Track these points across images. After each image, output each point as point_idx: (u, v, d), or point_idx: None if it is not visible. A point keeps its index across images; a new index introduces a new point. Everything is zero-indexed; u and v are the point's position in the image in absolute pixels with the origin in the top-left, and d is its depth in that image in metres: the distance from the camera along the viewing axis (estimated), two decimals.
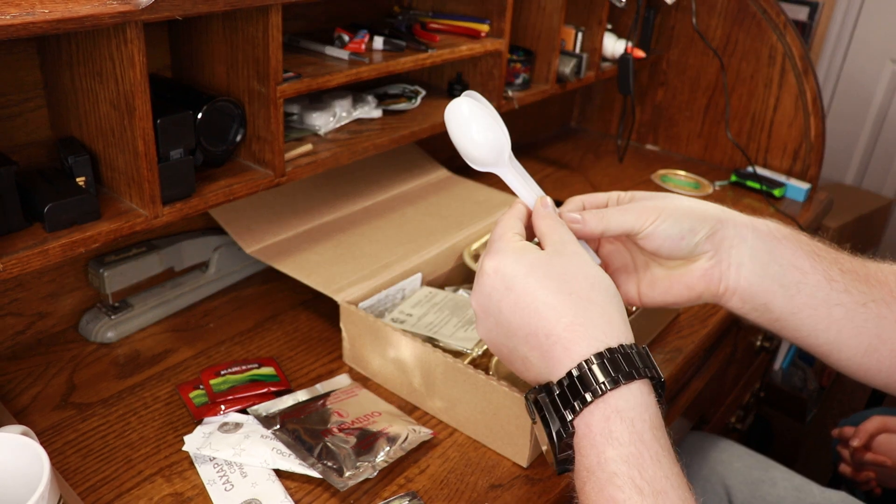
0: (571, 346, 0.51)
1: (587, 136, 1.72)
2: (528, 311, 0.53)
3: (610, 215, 0.62)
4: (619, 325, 0.52)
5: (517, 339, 0.54)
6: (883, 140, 2.56)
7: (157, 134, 0.70)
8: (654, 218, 0.61)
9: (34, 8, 0.55)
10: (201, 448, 0.71)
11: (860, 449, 1.20)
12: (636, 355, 0.51)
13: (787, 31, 1.37)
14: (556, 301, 0.52)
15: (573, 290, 0.53)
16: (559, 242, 0.56)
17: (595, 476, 0.48)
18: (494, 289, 0.55)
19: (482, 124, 0.62)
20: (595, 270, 0.55)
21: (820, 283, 0.59)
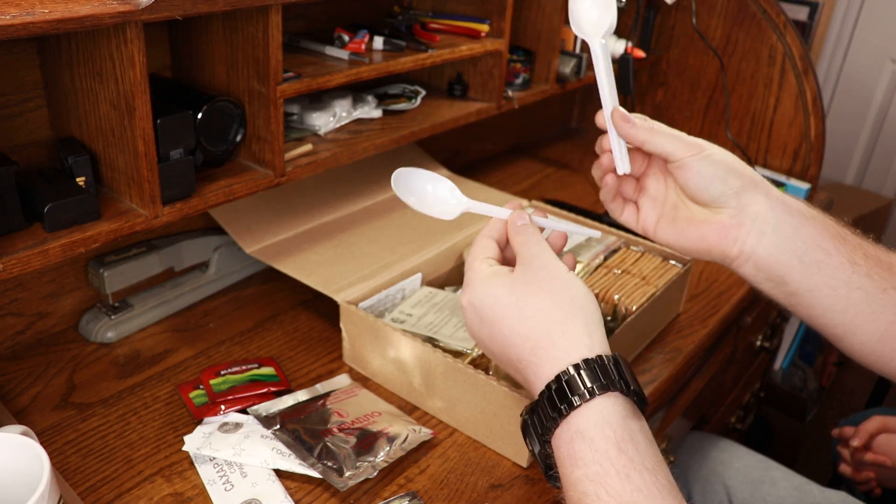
0: (537, 370, 0.53)
1: (587, 136, 1.71)
2: (500, 339, 0.56)
3: (658, 130, 0.62)
4: (581, 339, 0.53)
5: (505, 365, 0.57)
6: (883, 140, 2.56)
7: (157, 134, 0.70)
8: (695, 151, 0.61)
9: (34, 8, 0.55)
10: (201, 448, 0.71)
11: (860, 449, 1.20)
12: (598, 368, 0.51)
13: (787, 31, 1.37)
14: (521, 327, 0.54)
15: (534, 311, 0.54)
16: (528, 257, 0.57)
17: (569, 494, 0.50)
18: (472, 322, 0.58)
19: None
20: (561, 281, 0.56)
21: (843, 264, 0.59)
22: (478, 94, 1.13)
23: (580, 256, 0.98)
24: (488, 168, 1.45)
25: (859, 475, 1.22)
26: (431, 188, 0.64)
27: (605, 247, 1.01)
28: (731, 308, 1.05)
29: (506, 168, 1.47)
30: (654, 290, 0.91)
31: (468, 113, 1.08)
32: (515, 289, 0.55)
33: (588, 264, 0.97)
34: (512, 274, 0.57)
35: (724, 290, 1.09)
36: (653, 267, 0.97)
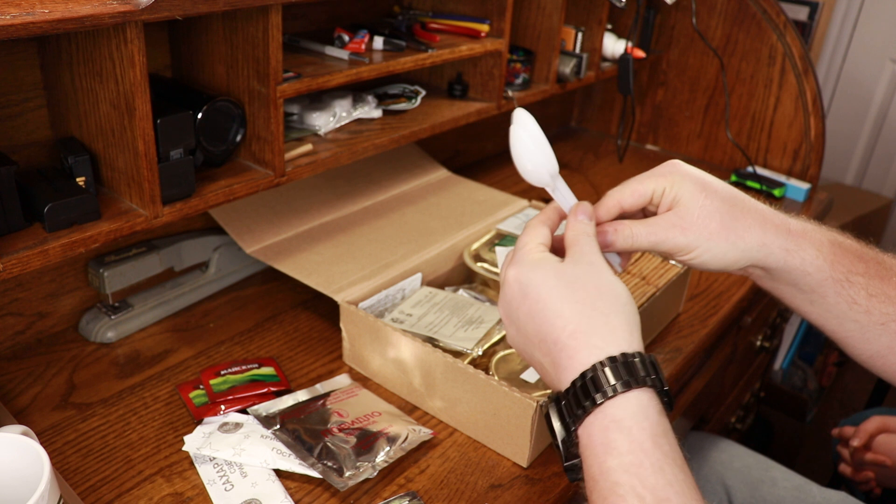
0: (574, 355, 0.52)
1: (587, 136, 1.72)
2: (540, 318, 0.55)
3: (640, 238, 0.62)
4: (621, 334, 0.53)
5: (533, 346, 0.57)
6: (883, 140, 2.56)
7: (157, 134, 0.70)
8: (684, 254, 0.62)
9: (34, 8, 0.55)
10: (201, 448, 0.71)
11: (860, 449, 1.20)
12: (638, 363, 0.51)
13: (787, 31, 1.37)
14: (563, 309, 0.54)
15: (579, 298, 0.54)
16: (579, 253, 0.58)
17: (599, 485, 0.49)
18: (514, 297, 0.57)
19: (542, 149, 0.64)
20: (607, 279, 0.56)
21: (839, 304, 0.62)
22: (478, 94, 1.13)
23: None
24: (488, 168, 1.45)
25: (859, 475, 1.22)
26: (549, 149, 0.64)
27: None
28: (731, 308, 1.05)
29: (506, 168, 1.47)
30: (654, 290, 0.91)
31: (468, 113, 1.08)
32: (565, 275, 0.56)
33: None
34: (562, 263, 0.57)
35: (724, 290, 1.09)
36: (653, 267, 0.97)
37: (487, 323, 0.85)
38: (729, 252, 0.62)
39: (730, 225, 0.61)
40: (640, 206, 0.64)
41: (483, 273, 0.96)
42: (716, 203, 0.61)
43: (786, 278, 0.64)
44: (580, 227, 0.60)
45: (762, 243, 0.61)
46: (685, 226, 0.61)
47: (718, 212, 0.61)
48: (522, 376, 0.79)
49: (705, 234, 0.61)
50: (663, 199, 0.63)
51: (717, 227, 0.61)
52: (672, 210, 0.62)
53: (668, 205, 0.63)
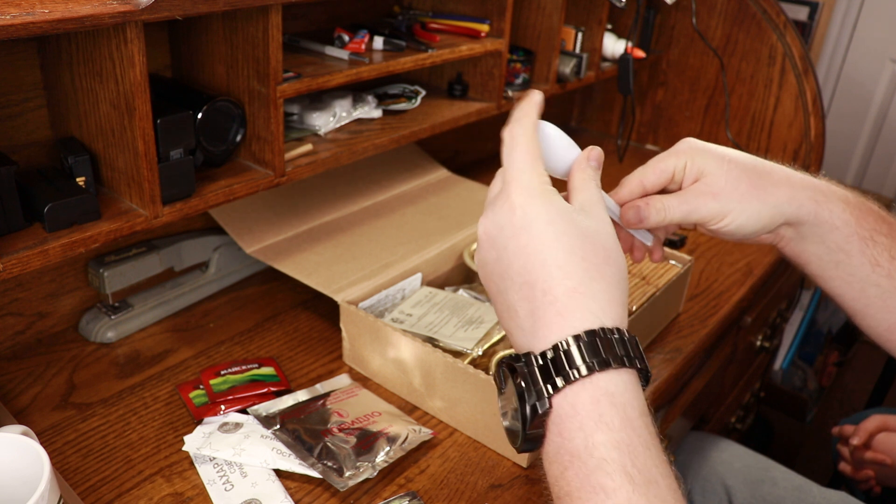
0: (566, 314, 0.47)
1: (587, 136, 1.72)
2: (534, 259, 0.49)
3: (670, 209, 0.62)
4: (618, 308, 0.49)
5: (511, 283, 0.50)
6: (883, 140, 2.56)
7: (157, 134, 0.70)
8: (715, 222, 0.62)
9: (34, 8, 0.55)
10: (201, 448, 0.71)
11: (860, 447, 1.20)
12: (628, 342, 0.48)
13: (787, 31, 1.37)
14: (567, 261, 0.49)
15: (586, 256, 0.49)
16: (588, 202, 0.53)
17: (580, 461, 0.45)
18: (511, 223, 0.51)
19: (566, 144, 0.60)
20: (613, 243, 0.51)
21: (863, 265, 0.62)
22: (478, 94, 1.13)
23: None
24: (488, 168, 1.45)
25: (859, 474, 1.22)
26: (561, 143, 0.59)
27: None
28: (731, 308, 1.05)
29: None
30: (655, 290, 0.91)
31: (468, 113, 1.08)
32: (575, 224, 0.50)
33: None
34: (572, 208, 0.51)
35: (724, 290, 1.09)
36: (653, 267, 0.97)
37: (487, 323, 0.85)
38: (762, 211, 0.62)
39: (758, 184, 0.61)
40: (662, 184, 0.64)
41: None
42: (740, 167, 0.62)
43: (815, 234, 0.63)
44: (590, 173, 0.55)
45: (792, 196, 0.62)
46: (715, 192, 0.61)
47: (745, 173, 0.61)
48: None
49: (736, 197, 0.61)
50: (686, 174, 0.63)
51: (747, 188, 0.61)
52: (699, 181, 0.62)
53: (692, 178, 0.63)
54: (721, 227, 0.62)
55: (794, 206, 0.62)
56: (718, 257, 1.18)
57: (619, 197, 0.64)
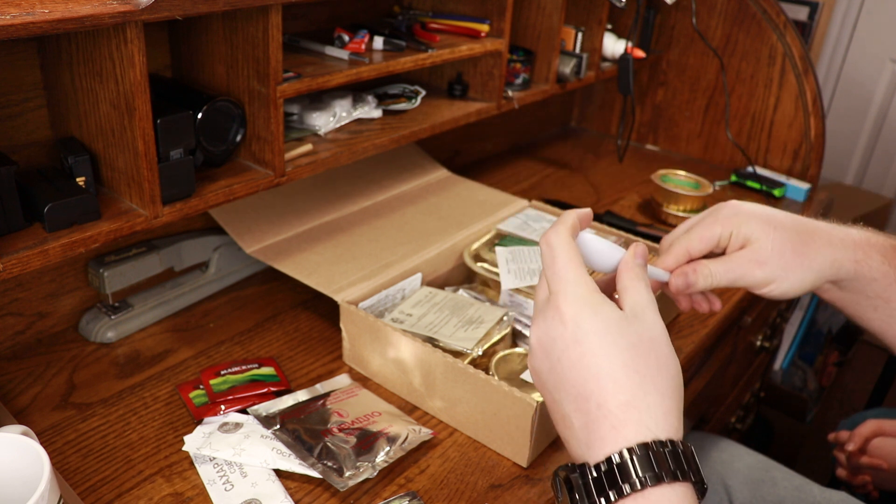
0: (620, 427, 0.48)
1: (587, 136, 1.72)
2: (589, 372, 0.50)
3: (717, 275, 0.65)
4: (673, 420, 0.49)
5: (566, 395, 0.51)
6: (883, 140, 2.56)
7: (157, 134, 0.70)
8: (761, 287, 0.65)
9: (34, 8, 0.55)
10: (201, 448, 0.71)
11: (856, 453, 1.20)
12: (682, 454, 0.48)
13: (787, 31, 1.37)
14: (621, 374, 0.49)
15: (640, 368, 0.50)
16: (639, 306, 0.53)
17: None
18: (563, 336, 0.51)
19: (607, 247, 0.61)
20: (667, 348, 0.52)
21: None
22: (478, 94, 1.14)
23: None
24: (488, 168, 1.45)
25: (856, 479, 1.22)
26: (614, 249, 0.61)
27: None
28: (731, 308, 1.05)
29: (506, 168, 1.47)
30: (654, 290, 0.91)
31: (468, 113, 1.08)
32: (627, 333, 0.51)
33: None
34: (623, 315, 0.52)
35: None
36: None
37: (487, 323, 0.85)
38: (806, 277, 0.65)
39: (802, 251, 0.64)
40: (707, 251, 0.67)
41: (483, 273, 0.96)
42: (785, 234, 0.64)
43: (854, 287, 0.66)
44: (638, 272, 0.56)
45: (833, 259, 0.65)
46: (761, 260, 0.64)
47: (790, 241, 0.64)
48: (522, 376, 0.79)
49: (781, 265, 0.64)
50: (731, 241, 0.66)
51: (791, 256, 0.64)
52: (745, 248, 0.65)
53: (738, 245, 0.66)
54: (766, 292, 0.65)
55: (835, 269, 0.65)
56: None
57: (666, 264, 0.67)
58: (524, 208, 1.12)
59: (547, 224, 1.06)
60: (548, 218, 1.08)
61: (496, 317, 0.86)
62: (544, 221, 1.07)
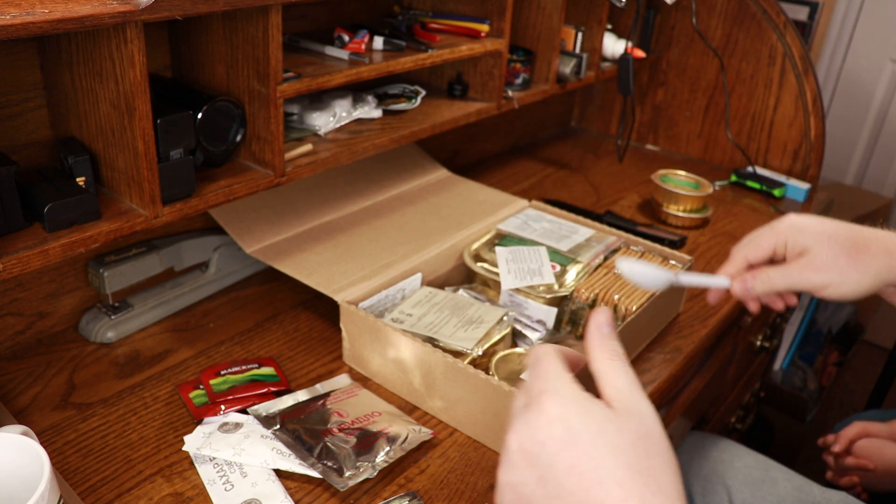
0: None
1: (587, 136, 1.72)
2: (590, 478, 0.44)
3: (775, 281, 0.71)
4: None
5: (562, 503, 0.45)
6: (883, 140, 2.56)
7: (157, 134, 0.70)
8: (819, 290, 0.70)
9: (34, 8, 0.55)
10: (201, 448, 0.71)
11: (842, 454, 1.21)
12: None
13: (787, 31, 1.37)
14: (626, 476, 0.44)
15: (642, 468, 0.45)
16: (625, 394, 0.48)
17: None
18: (553, 438, 0.45)
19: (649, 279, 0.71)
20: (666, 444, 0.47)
21: None
22: (478, 94, 1.14)
23: (580, 256, 0.98)
24: (488, 168, 1.45)
25: (843, 480, 1.23)
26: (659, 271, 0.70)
27: (605, 247, 1.01)
28: (731, 308, 1.05)
29: (506, 168, 1.47)
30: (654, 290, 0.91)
31: (468, 113, 1.08)
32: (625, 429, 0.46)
33: (588, 264, 0.97)
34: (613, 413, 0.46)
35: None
36: None
37: (487, 323, 0.85)
38: (862, 281, 0.69)
39: (857, 258, 0.69)
40: (764, 259, 0.73)
41: (483, 273, 0.96)
42: (840, 243, 0.69)
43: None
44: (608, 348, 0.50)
45: (890, 265, 0.69)
46: (817, 267, 0.69)
47: (844, 249, 0.69)
48: (522, 376, 0.79)
49: (837, 270, 0.69)
50: (788, 250, 0.71)
51: (846, 262, 0.69)
52: (802, 256, 0.70)
53: (795, 254, 0.71)
54: (826, 295, 0.70)
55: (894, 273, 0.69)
56: (718, 257, 1.18)
57: (727, 271, 0.73)
58: (524, 208, 1.12)
59: (547, 224, 1.06)
60: (548, 218, 1.08)
61: (496, 317, 0.86)
62: (544, 221, 1.07)
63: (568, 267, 0.96)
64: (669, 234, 1.22)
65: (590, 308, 0.91)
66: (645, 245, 1.02)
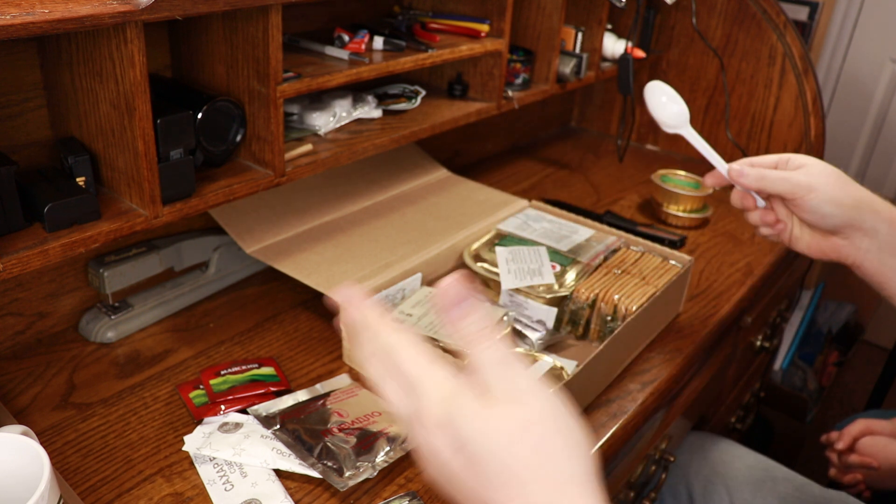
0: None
1: (587, 136, 1.72)
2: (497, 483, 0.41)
3: (768, 175, 0.80)
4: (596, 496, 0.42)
5: None
6: (883, 140, 2.56)
7: (157, 134, 0.70)
8: (804, 192, 0.78)
9: (34, 8, 0.55)
10: (201, 448, 0.71)
11: (845, 452, 1.21)
12: None
13: (787, 31, 1.37)
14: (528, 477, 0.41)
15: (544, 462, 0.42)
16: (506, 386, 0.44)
17: None
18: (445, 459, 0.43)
19: (672, 97, 0.87)
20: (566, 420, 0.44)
21: None
22: (478, 94, 1.14)
23: (580, 256, 0.98)
24: (488, 168, 1.45)
25: (846, 477, 1.23)
26: (681, 100, 0.87)
27: (605, 247, 1.01)
28: (731, 308, 1.05)
29: (506, 168, 1.47)
30: (654, 290, 0.91)
31: (468, 113, 1.08)
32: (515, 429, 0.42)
33: (588, 264, 0.97)
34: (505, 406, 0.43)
35: (724, 290, 1.09)
36: (653, 267, 0.97)
37: None
38: (844, 198, 0.79)
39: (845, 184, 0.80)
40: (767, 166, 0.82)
41: (483, 273, 0.96)
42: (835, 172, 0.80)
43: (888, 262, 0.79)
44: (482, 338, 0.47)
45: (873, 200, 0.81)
46: (809, 174, 0.79)
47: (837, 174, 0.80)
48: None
49: (825, 182, 0.78)
50: (789, 165, 0.81)
51: (835, 182, 0.79)
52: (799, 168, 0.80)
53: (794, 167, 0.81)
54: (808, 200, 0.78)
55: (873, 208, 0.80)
56: (718, 257, 1.18)
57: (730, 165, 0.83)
58: (524, 208, 1.12)
59: (547, 224, 1.06)
60: (548, 218, 1.08)
61: (496, 317, 0.86)
62: (544, 221, 1.07)
63: (568, 267, 0.96)
64: (669, 234, 1.22)
65: (590, 308, 0.91)
66: (645, 245, 1.02)
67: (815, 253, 0.85)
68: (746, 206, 0.86)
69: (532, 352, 0.84)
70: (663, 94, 0.86)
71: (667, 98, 0.87)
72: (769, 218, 0.85)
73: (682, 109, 0.87)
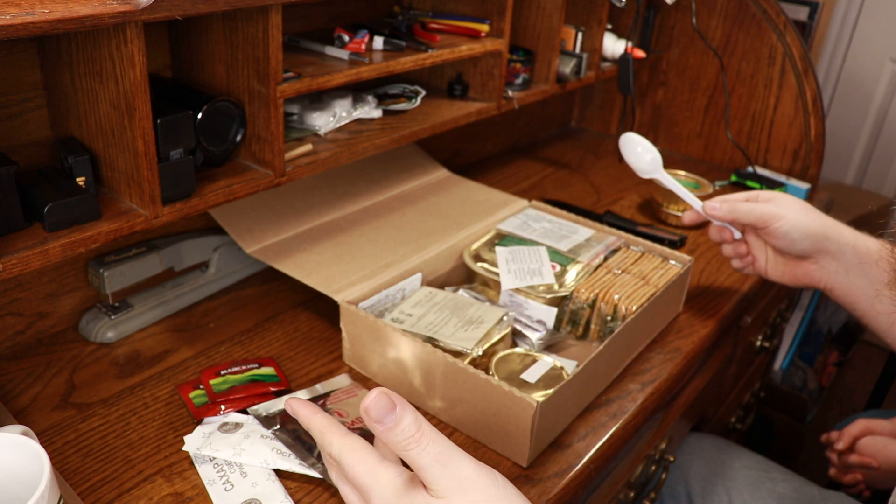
0: None
1: (587, 136, 1.72)
2: None
3: (738, 209, 0.89)
4: None
5: None
6: (883, 140, 2.56)
7: (157, 134, 0.70)
8: (772, 221, 0.86)
9: (34, 8, 0.55)
10: (201, 448, 0.71)
11: (845, 452, 1.21)
12: None
13: (787, 31, 1.37)
14: None
15: None
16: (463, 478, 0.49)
17: None
18: None
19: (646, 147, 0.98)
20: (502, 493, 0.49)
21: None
22: (478, 94, 1.14)
23: (580, 256, 0.98)
24: (488, 168, 1.45)
25: (846, 477, 1.23)
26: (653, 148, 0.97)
27: (605, 247, 1.01)
28: (731, 308, 1.05)
29: (506, 168, 1.47)
30: (654, 290, 0.91)
31: (468, 113, 1.08)
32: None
33: (588, 264, 0.97)
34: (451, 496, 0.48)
35: (724, 290, 1.09)
36: (653, 267, 0.97)
37: (487, 323, 0.85)
38: (810, 223, 0.85)
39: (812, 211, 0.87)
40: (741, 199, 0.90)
41: (483, 273, 0.96)
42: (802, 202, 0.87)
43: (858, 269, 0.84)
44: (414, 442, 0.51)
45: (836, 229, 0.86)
46: (777, 203, 0.87)
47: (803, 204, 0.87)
48: (522, 376, 0.79)
49: (790, 209, 0.86)
50: (759, 198, 0.89)
51: (801, 209, 0.86)
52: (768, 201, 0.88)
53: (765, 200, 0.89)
54: (777, 226, 0.85)
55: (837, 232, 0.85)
56: (718, 257, 1.18)
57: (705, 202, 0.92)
58: (524, 208, 1.12)
59: (547, 224, 1.06)
60: (548, 218, 1.08)
61: (496, 317, 0.86)
62: (544, 221, 1.07)
63: (568, 267, 0.96)
64: (669, 234, 1.22)
65: (590, 308, 0.91)
66: (645, 245, 1.02)
67: (790, 279, 0.91)
68: (724, 238, 0.94)
69: (532, 352, 0.84)
70: (638, 146, 0.97)
71: (641, 148, 0.97)
72: (741, 249, 0.93)
73: (655, 157, 0.97)
